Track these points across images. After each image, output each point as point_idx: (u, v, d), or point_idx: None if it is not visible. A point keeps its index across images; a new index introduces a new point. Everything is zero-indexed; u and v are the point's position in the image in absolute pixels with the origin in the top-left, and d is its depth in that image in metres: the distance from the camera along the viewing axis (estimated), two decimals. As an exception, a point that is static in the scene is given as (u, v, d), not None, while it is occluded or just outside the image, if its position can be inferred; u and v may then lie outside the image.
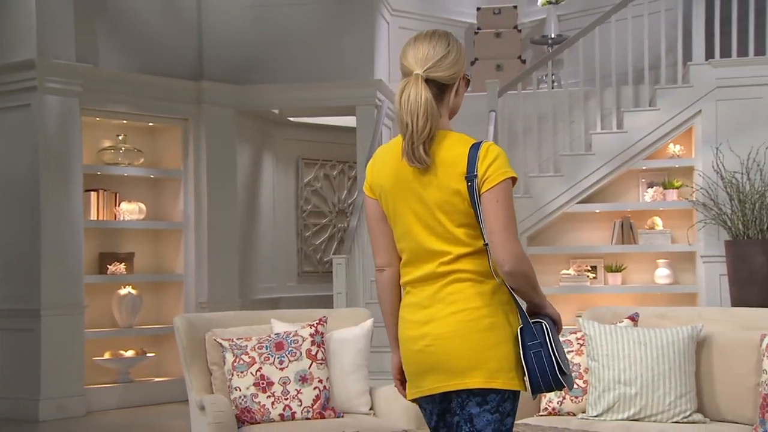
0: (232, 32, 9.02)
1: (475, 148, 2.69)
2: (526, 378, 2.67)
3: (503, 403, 2.68)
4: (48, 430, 7.44)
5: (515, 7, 10.08)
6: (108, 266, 8.39)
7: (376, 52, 9.20)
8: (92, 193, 8.36)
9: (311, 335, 4.58)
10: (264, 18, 9.06)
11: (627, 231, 8.48)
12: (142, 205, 8.63)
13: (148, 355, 8.53)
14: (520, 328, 2.67)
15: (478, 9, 10.08)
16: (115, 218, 8.51)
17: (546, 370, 2.64)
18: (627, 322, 4.50)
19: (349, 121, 9.89)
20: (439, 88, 2.72)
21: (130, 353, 8.41)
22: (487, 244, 2.67)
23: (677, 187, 8.43)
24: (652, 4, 8.54)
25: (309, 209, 10.37)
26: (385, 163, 2.78)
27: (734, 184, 7.89)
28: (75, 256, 7.94)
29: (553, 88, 9.24)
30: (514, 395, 2.71)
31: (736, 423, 4.18)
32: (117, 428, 7.52)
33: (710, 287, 8.14)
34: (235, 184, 9.07)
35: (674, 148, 8.51)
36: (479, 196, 2.65)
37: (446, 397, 2.75)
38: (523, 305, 2.75)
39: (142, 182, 8.82)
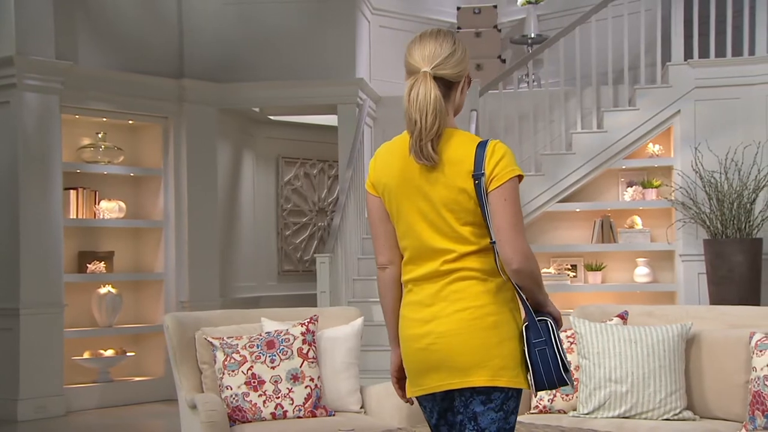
0: (213, 30, 8.98)
1: (481, 146, 2.69)
2: (530, 375, 2.68)
3: (507, 401, 2.68)
4: (27, 430, 7.38)
5: (495, 6, 10.11)
6: (87, 265, 8.33)
7: (358, 50, 9.19)
8: (71, 191, 8.30)
9: (302, 334, 4.58)
10: (245, 15, 9.03)
11: (607, 230, 8.53)
12: (122, 204, 8.57)
13: (127, 354, 8.48)
14: (525, 326, 2.68)
15: (458, 8, 10.11)
16: (95, 217, 8.44)
17: (550, 368, 2.65)
18: (617, 320, 4.53)
19: (329, 119, 9.88)
20: (446, 86, 2.72)
21: (109, 353, 8.36)
22: (494, 242, 2.67)
23: (656, 187, 8.50)
24: (631, 5, 8.60)
25: (289, 208, 10.36)
26: (389, 160, 2.77)
27: (713, 183, 7.96)
28: (54, 255, 7.87)
29: (529, 87, 9.27)
30: (518, 393, 2.71)
31: (725, 420, 4.23)
32: (97, 428, 7.47)
33: (689, 286, 8.22)
34: (215, 183, 9.03)
35: (653, 148, 8.57)
36: (486, 194, 2.66)
37: (448, 395, 2.75)
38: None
39: (122, 180, 8.76)
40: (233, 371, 4.46)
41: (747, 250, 7.84)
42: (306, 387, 4.48)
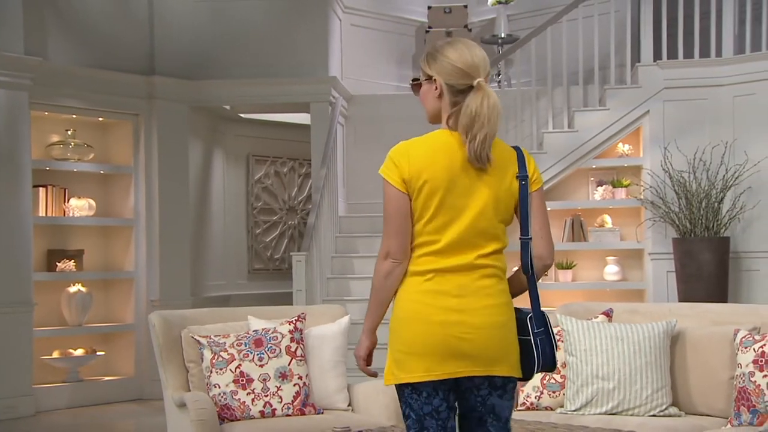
0: (185, 27, 8.92)
1: (518, 150, 2.96)
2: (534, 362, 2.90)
3: (514, 390, 2.91)
4: (-4, 430, 7.30)
5: (465, 6, 10.16)
6: (57, 263, 8.24)
7: (330, 49, 9.19)
8: (41, 189, 8.20)
9: (290, 332, 4.57)
10: (217, 12, 8.98)
11: (577, 229, 8.61)
12: (92, 202, 8.48)
13: (97, 353, 8.40)
14: (530, 317, 2.87)
15: (429, 8, 10.14)
16: (65, 215, 8.35)
17: (547, 355, 2.88)
18: (602, 317, 4.58)
19: (299, 117, 9.88)
20: None
21: (79, 352, 8.27)
22: (529, 239, 2.90)
23: (626, 186, 8.59)
24: (602, 5, 8.67)
25: (259, 206, 10.32)
26: (432, 158, 2.85)
27: (682, 183, 8.07)
28: (24, 253, 7.78)
29: (500, 86, 9.33)
30: None
31: (710, 416, 4.28)
32: (66, 428, 7.40)
33: (657, 283, 8.31)
34: (186, 181, 8.97)
35: (623, 148, 8.66)
36: (529, 194, 2.92)
37: (457, 382, 2.84)
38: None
39: (92, 178, 8.67)
40: (221, 369, 4.44)
41: (715, 248, 7.96)
42: (294, 385, 4.47)
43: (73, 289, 8.31)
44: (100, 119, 8.66)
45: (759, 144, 8.12)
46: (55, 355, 8.18)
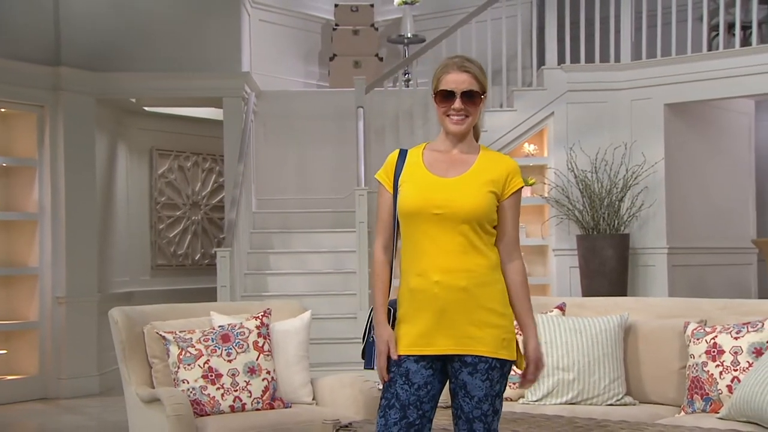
0: (92, 16, 8.67)
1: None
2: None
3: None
4: None
5: (372, 5, 10.25)
6: (-42, 259, 7.95)
7: (242, 43, 9.13)
8: (-60, 181, 7.89)
9: (257, 327, 4.58)
10: (125, 3, 8.78)
11: (484, 225, 8.81)
12: (-7, 195, 8.21)
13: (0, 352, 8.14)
14: None
15: (336, 6, 10.19)
16: (-36, 208, 8.06)
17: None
18: (556, 311, 4.76)
19: (202, 112, 9.79)
20: None
21: (-20, 350, 8.01)
22: None
23: (531, 185, 8.86)
24: (509, 8, 8.92)
25: (163, 201, 10.15)
26: None
27: (585, 182, 8.40)
28: (-76, 248, 7.47)
29: (408, 86, 9.47)
30: None
31: (662, 404, 4.51)
32: (-30, 429, 7.18)
33: (561, 279, 8.63)
34: (93, 175, 8.74)
35: (528, 147, 8.94)
36: None
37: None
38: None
39: (-7, 171, 8.39)
40: (189, 365, 4.41)
41: (616, 245, 8.32)
42: (263, 380, 4.49)
43: (-26, 285, 8.02)
44: (2, 110, 8.35)
45: (655, 146, 8.52)
46: (-44, 353, 7.90)
